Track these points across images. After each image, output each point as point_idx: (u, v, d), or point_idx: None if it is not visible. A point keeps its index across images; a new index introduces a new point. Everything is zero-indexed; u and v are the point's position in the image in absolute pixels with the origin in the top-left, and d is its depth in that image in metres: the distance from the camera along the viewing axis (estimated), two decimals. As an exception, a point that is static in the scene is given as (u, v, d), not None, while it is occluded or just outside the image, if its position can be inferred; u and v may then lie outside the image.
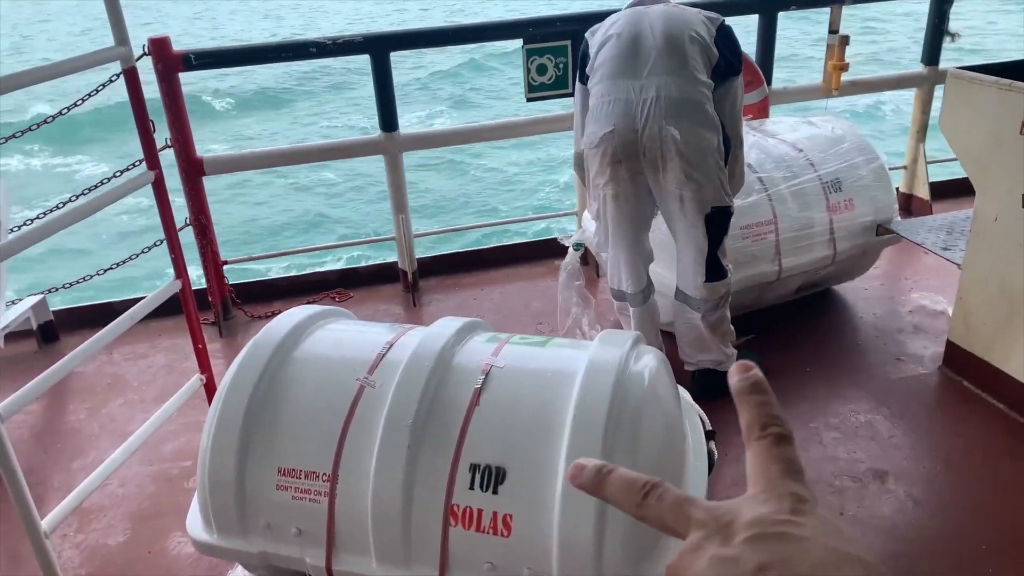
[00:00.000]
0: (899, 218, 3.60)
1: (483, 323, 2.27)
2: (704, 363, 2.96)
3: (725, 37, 2.68)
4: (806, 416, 2.92)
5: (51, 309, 3.76)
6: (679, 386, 2.20)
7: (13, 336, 3.56)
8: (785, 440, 0.49)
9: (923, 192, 4.44)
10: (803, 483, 0.47)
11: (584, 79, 2.80)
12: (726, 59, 2.65)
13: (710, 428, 2.25)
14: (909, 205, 4.55)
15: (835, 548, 0.42)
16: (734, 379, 0.53)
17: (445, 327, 2.11)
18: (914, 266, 4.03)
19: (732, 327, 2.97)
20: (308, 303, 3.97)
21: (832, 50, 4.00)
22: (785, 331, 3.49)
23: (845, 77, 4.10)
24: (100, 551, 2.48)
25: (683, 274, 2.83)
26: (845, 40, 3.93)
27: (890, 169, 3.65)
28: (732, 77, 2.68)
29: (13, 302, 3.56)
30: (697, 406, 2.31)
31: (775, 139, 3.56)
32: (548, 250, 4.31)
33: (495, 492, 1.79)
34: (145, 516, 2.63)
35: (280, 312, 3.87)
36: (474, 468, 1.82)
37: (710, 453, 2.16)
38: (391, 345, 2.10)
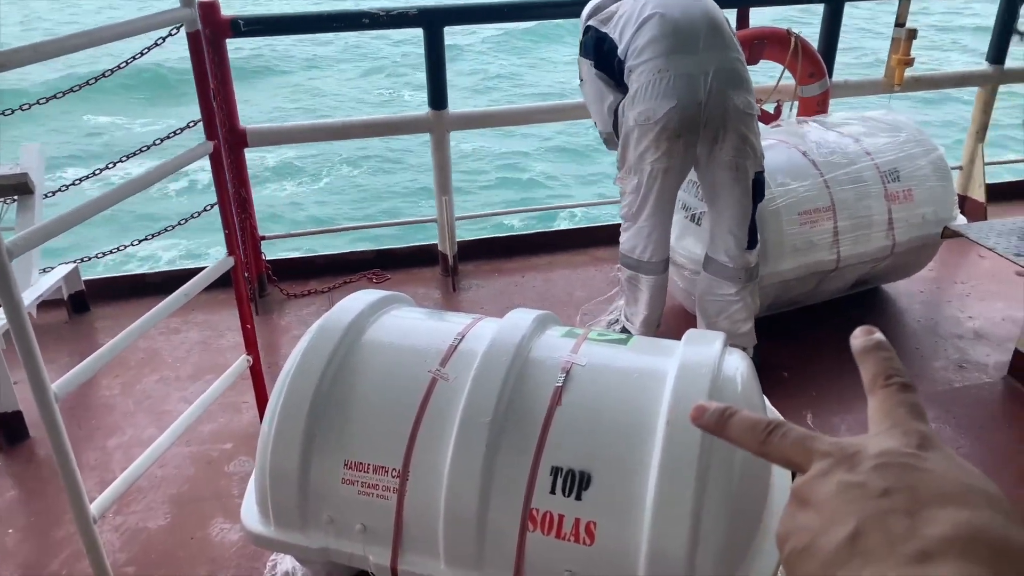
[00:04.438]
0: (961, 216, 3.49)
1: (555, 316, 2.16)
2: None
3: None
4: (864, 422, 2.80)
5: (83, 279, 3.65)
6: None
7: (44, 305, 3.45)
8: (909, 388, 0.51)
9: (979, 194, 4.31)
10: (928, 425, 0.49)
11: (605, 68, 2.87)
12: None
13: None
14: (963, 207, 4.41)
15: (960, 480, 0.43)
16: (859, 339, 0.55)
17: (520, 319, 2.00)
18: (969, 269, 3.91)
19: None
20: (345, 283, 3.92)
21: (897, 44, 3.85)
22: (839, 331, 3.31)
23: (908, 72, 3.95)
24: (140, 535, 2.39)
25: (722, 244, 2.86)
26: (912, 34, 3.79)
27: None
28: None
29: (45, 270, 3.45)
30: (777, 412, 2.21)
31: (830, 130, 3.47)
32: (590, 238, 4.21)
33: (578, 498, 1.69)
34: (185, 500, 2.53)
35: (317, 291, 3.81)
36: (556, 471, 1.72)
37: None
38: (463, 336, 1.99)
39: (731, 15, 3.83)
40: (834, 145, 3.36)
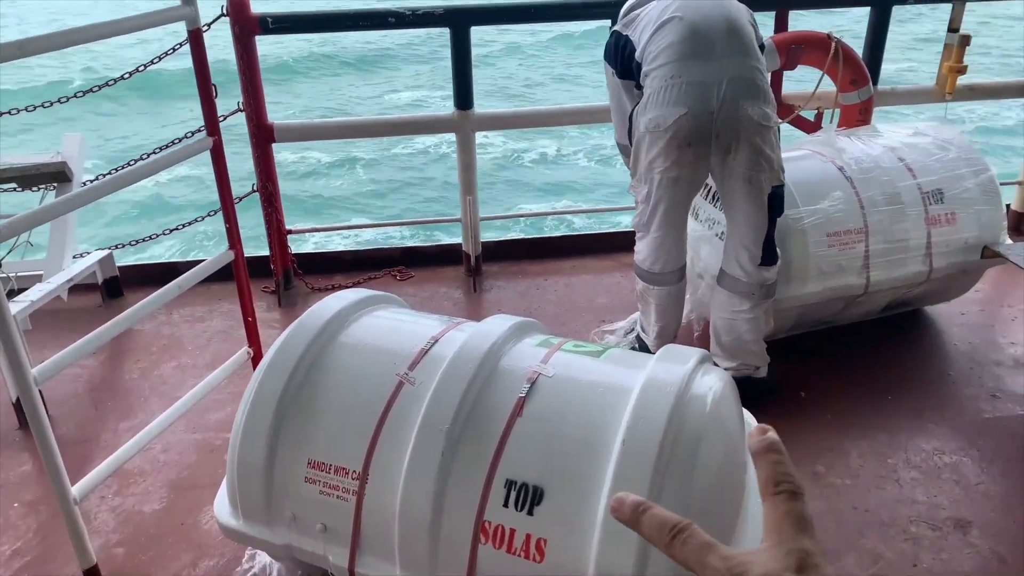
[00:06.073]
0: (1008, 239, 3.27)
1: (538, 324, 2.12)
2: (740, 369, 2.85)
3: (754, 18, 2.77)
4: (884, 450, 2.68)
5: (117, 265, 3.79)
6: (745, 410, 2.01)
7: (79, 289, 3.60)
8: (796, 496, 0.53)
9: (1037, 212, 4.05)
10: (812, 537, 0.51)
11: (626, 74, 2.78)
12: (760, 40, 2.76)
13: (775, 460, 2.05)
14: (1020, 225, 4.16)
15: None
16: (753, 440, 0.57)
17: (495, 326, 1.97)
18: (1021, 293, 3.67)
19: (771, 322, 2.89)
20: (369, 279, 3.95)
21: (950, 50, 3.65)
22: (867, 352, 3.23)
23: (962, 80, 3.74)
24: (134, 517, 2.46)
25: (736, 258, 2.75)
26: (966, 40, 3.58)
27: (1001, 184, 3.31)
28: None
29: (81, 255, 3.60)
30: (754, 421, 2.11)
31: (872, 142, 3.29)
32: (618, 243, 4.13)
33: (530, 513, 1.66)
34: (183, 486, 2.60)
35: (341, 286, 3.86)
36: (510, 484, 1.68)
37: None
38: (436, 340, 1.97)
39: (769, 19, 3.70)
40: (875, 160, 3.16)
